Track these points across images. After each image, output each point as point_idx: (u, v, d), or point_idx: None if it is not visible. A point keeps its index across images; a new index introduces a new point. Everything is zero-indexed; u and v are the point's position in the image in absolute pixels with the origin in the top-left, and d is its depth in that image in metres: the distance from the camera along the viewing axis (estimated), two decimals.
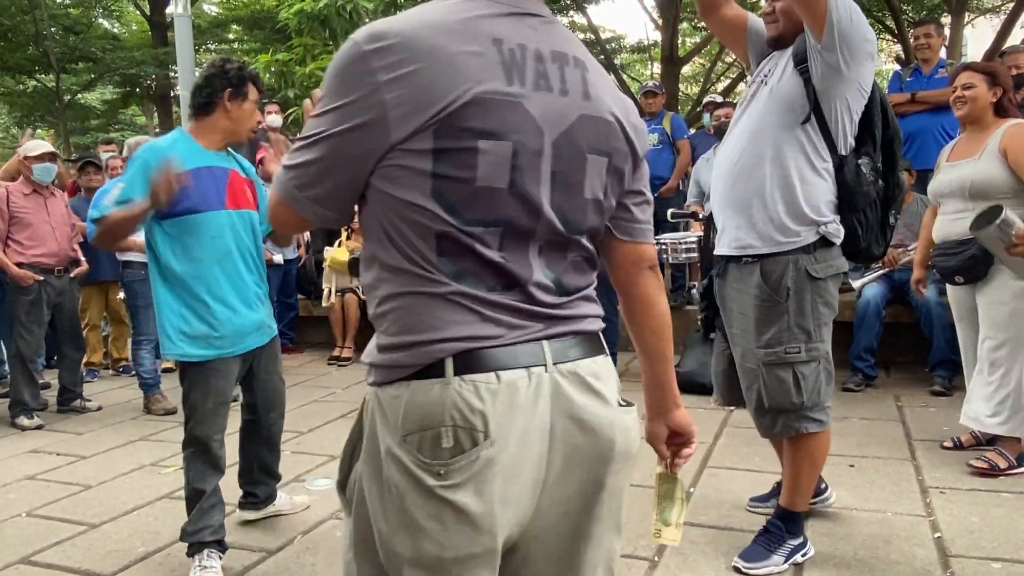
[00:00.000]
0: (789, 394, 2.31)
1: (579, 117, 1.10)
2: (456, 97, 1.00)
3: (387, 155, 1.03)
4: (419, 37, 1.01)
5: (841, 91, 2.20)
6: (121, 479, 3.58)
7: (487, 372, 1.04)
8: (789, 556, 2.42)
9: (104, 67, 14.67)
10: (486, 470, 1.03)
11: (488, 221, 1.05)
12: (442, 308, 1.05)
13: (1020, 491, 2.98)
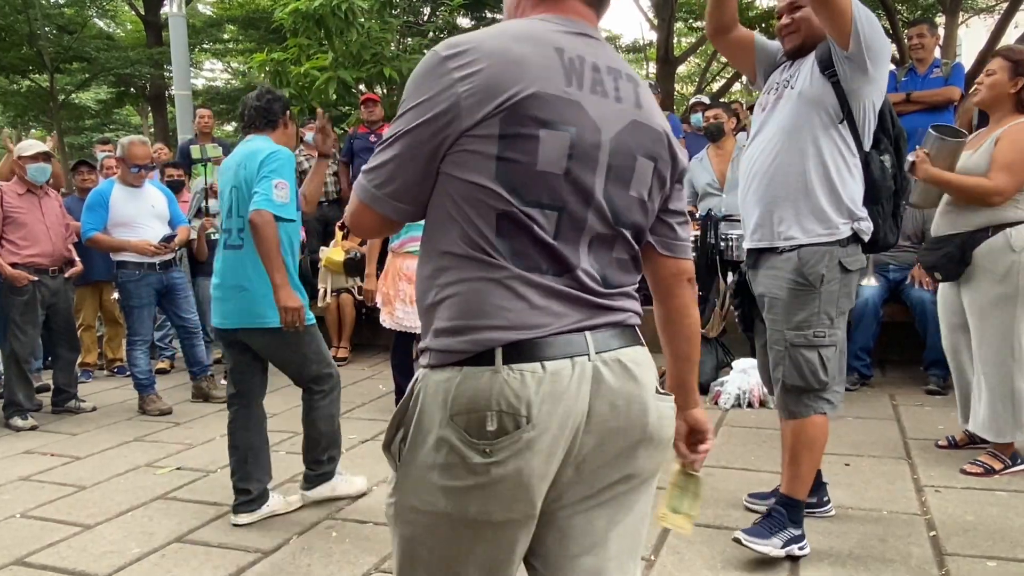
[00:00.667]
0: (816, 373, 2.44)
1: (632, 122, 1.22)
2: (520, 89, 1.13)
3: (457, 141, 1.14)
4: (489, 42, 1.16)
5: (868, 92, 2.34)
6: (116, 480, 3.57)
7: (534, 362, 1.12)
8: (787, 544, 2.45)
9: (98, 67, 14.60)
10: (527, 450, 1.12)
11: (545, 204, 1.15)
12: (496, 295, 1.14)
13: (1015, 489, 2.99)
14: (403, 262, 4.31)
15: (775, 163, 2.44)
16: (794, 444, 2.51)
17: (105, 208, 4.70)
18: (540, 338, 1.13)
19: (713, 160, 5.16)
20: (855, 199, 2.41)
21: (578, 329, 1.16)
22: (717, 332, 4.84)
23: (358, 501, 3.16)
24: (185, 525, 2.98)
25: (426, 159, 1.16)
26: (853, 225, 2.41)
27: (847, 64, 2.29)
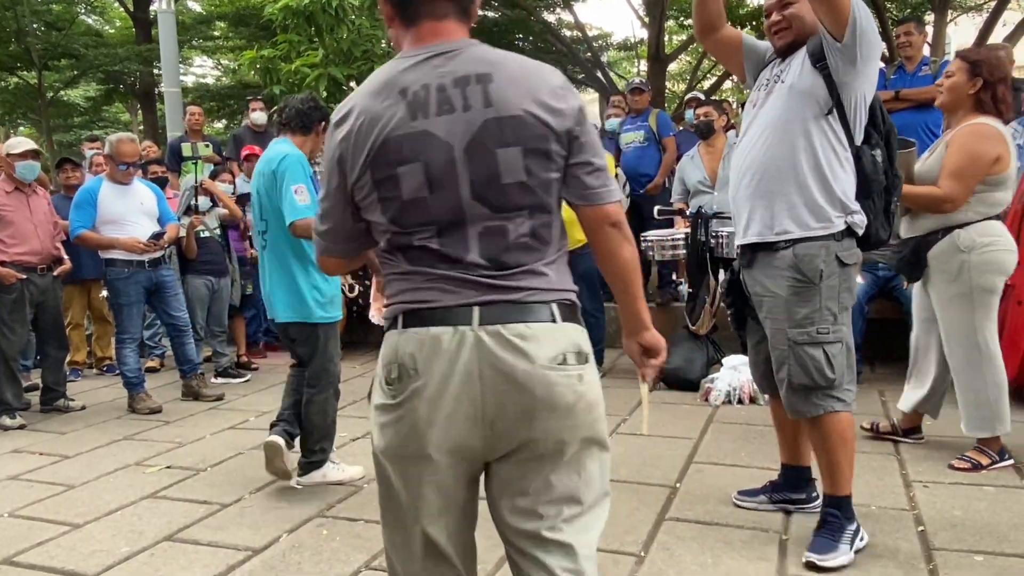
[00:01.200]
0: (822, 372, 2.40)
1: (483, 123, 1.38)
2: (375, 139, 1.40)
3: (354, 193, 1.46)
4: (360, 101, 1.43)
5: (859, 84, 2.33)
6: (105, 479, 3.55)
7: (420, 327, 1.41)
8: (852, 542, 2.44)
9: (87, 64, 14.52)
10: (415, 396, 1.40)
11: (422, 223, 1.42)
12: (400, 282, 1.47)
13: (1002, 484, 3.02)
14: None
15: (766, 157, 2.43)
16: (826, 444, 2.46)
17: (93, 206, 4.67)
18: (426, 309, 1.41)
19: (704, 158, 5.18)
20: (847, 192, 2.40)
21: (466, 304, 1.39)
22: (707, 329, 4.86)
23: (349, 499, 3.16)
24: (175, 524, 2.97)
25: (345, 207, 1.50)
26: (847, 219, 2.40)
27: (839, 56, 2.28)
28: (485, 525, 1.52)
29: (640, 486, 3.14)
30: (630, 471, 3.33)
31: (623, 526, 2.75)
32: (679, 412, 4.25)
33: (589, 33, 14.52)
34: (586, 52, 13.49)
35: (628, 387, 4.83)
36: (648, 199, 5.98)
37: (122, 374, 4.86)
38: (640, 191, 5.99)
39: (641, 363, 1.65)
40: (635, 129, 6.34)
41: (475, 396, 1.38)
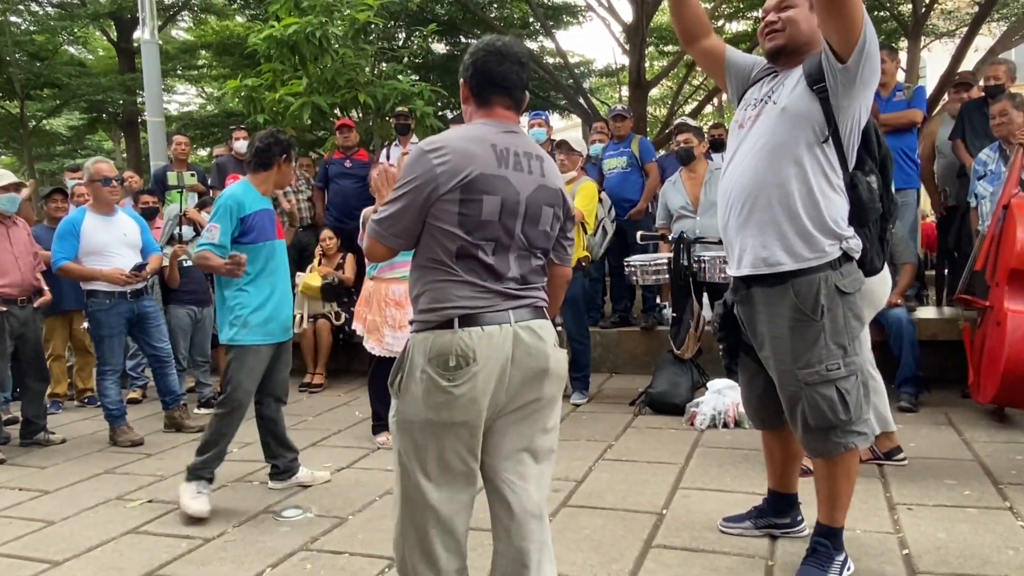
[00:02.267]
0: (836, 411, 2.32)
1: (539, 186, 2.00)
2: (470, 172, 1.90)
3: (436, 203, 1.90)
4: (452, 143, 1.93)
5: (855, 109, 2.28)
6: (85, 514, 3.50)
7: (476, 327, 1.90)
8: (840, 572, 2.43)
9: (70, 93, 14.47)
10: (473, 378, 1.89)
11: (487, 237, 1.94)
12: (452, 288, 1.92)
13: (985, 506, 3.03)
14: (389, 287, 4.30)
15: (755, 184, 2.35)
16: (831, 477, 2.42)
17: (76, 237, 4.64)
18: (479, 313, 1.91)
19: (686, 183, 5.23)
20: (839, 219, 2.33)
21: (505, 309, 1.94)
22: (692, 353, 4.88)
23: (333, 531, 3.13)
24: (156, 560, 2.93)
25: (419, 212, 1.92)
26: (842, 244, 2.33)
27: (840, 77, 2.21)
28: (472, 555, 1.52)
29: (626, 513, 3.14)
30: (616, 498, 3.32)
31: (609, 554, 2.74)
32: (664, 437, 4.25)
33: (571, 60, 14.67)
34: (568, 79, 13.61)
35: (614, 413, 4.84)
36: (632, 224, 6.02)
37: (104, 406, 4.81)
38: (624, 216, 6.04)
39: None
40: (618, 155, 6.40)
41: (506, 368, 1.92)
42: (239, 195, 3.49)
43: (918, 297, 5.68)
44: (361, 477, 3.84)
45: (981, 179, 4.72)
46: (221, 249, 3.41)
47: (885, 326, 4.72)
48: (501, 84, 2.02)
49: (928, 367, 4.82)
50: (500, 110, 2.04)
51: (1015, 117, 4.42)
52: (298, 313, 6.31)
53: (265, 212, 3.55)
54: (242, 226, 3.46)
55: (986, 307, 4.18)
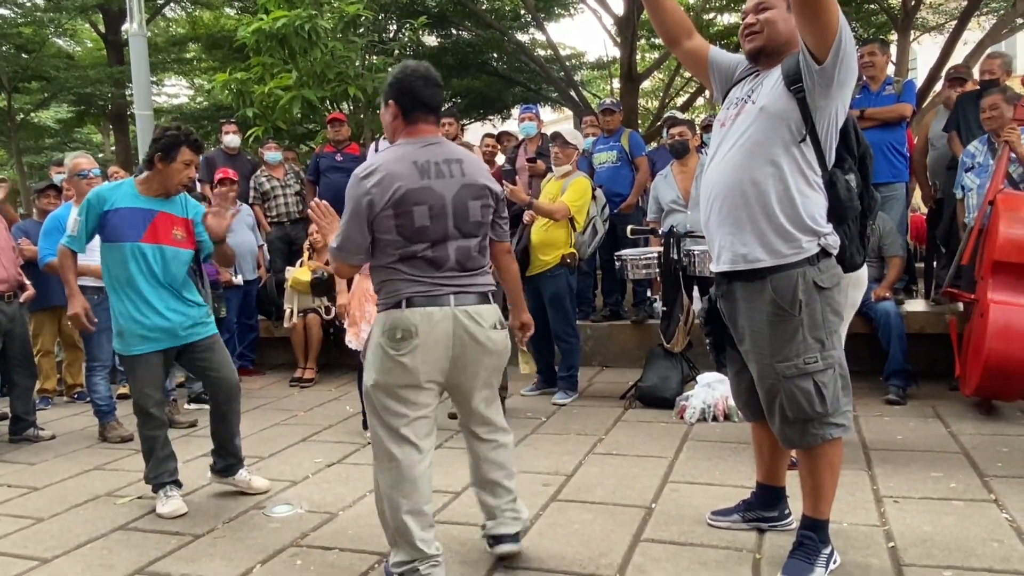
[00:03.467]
0: (813, 404, 2.36)
1: (461, 185, 2.47)
2: (397, 188, 2.37)
3: (376, 219, 2.38)
4: (383, 165, 2.40)
5: (832, 108, 2.30)
6: (75, 511, 3.49)
7: (418, 307, 2.40)
8: (827, 564, 2.45)
9: (58, 86, 14.35)
10: (416, 349, 2.39)
11: (423, 240, 2.42)
12: (400, 282, 2.43)
13: (970, 498, 3.06)
14: (369, 283, 4.27)
15: (733, 182, 2.39)
16: (814, 470, 2.44)
17: (62, 233, 4.60)
18: (421, 296, 2.41)
19: (678, 177, 5.23)
20: (816, 216, 2.35)
21: (446, 294, 2.43)
22: (682, 347, 4.89)
23: (323, 527, 3.13)
24: (146, 556, 2.93)
25: (364, 229, 2.40)
26: (820, 241, 2.36)
27: (817, 78, 2.23)
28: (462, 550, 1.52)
29: (616, 507, 3.15)
30: (605, 492, 3.34)
31: (598, 548, 2.76)
32: (654, 430, 4.26)
33: (562, 53, 14.64)
34: (559, 71, 13.59)
35: (603, 407, 4.85)
36: (622, 218, 6.02)
37: (93, 402, 4.79)
38: (614, 211, 6.04)
39: (518, 334, 2.89)
40: (608, 149, 6.40)
41: (448, 347, 2.43)
42: (106, 193, 3.34)
43: (907, 290, 5.70)
44: (351, 472, 3.84)
45: (968, 171, 4.74)
46: (77, 244, 3.39)
47: (873, 319, 4.75)
48: (427, 104, 2.47)
49: (916, 360, 4.85)
50: (423, 126, 2.48)
51: (1006, 111, 4.45)
52: (288, 307, 6.30)
53: (132, 211, 3.30)
54: (101, 223, 3.31)
55: (972, 301, 4.21)
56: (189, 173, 3.37)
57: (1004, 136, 4.31)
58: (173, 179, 3.36)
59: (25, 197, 12.78)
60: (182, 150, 3.30)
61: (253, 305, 6.54)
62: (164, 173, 3.33)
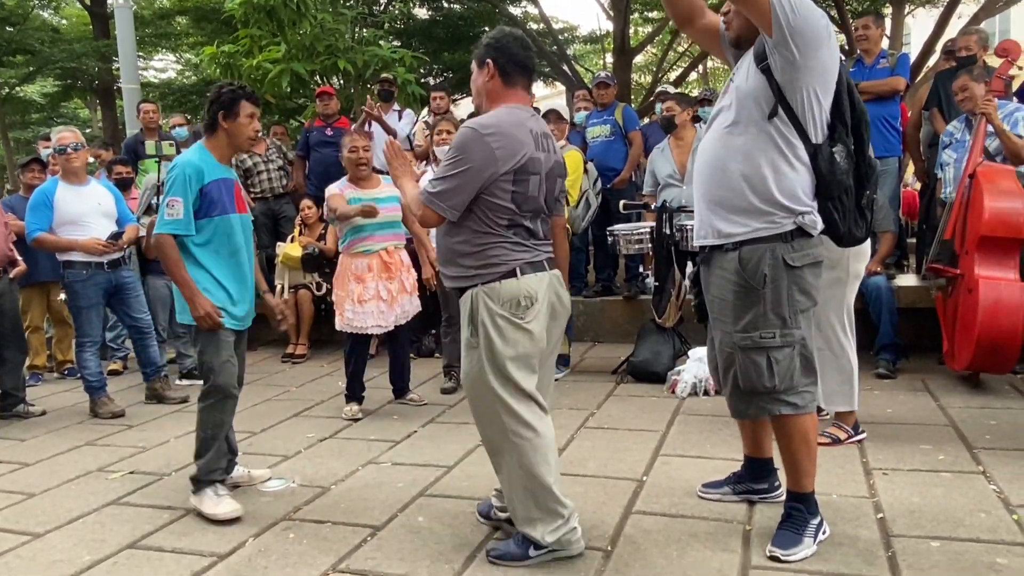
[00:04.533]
0: (762, 378, 2.41)
1: (554, 162, 2.52)
2: (523, 155, 2.37)
3: (494, 182, 2.35)
4: (503, 127, 2.36)
5: (806, 81, 2.27)
6: (66, 486, 3.48)
7: (533, 273, 2.43)
8: (815, 535, 2.47)
9: (43, 60, 14.15)
10: (538, 315, 2.42)
11: (530, 209, 2.45)
12: (510, 249, 2.41)
13: (958, 470, 3.09)
14: (352, 262, 4.28)
15: (712, 159, 2.44)
16: (789, 443, 2.47)
17: (50, 207, 4.57)
18: (531, 263, 2.43)
19: (674, 151, 5.20)
20: (793, 193, 2.34)
21: (542, 260, 2.48)
22: (674, 321, 4.90)
23: (316, 500, 3.14)
24: (139, 531, 2.93)
25: (475, 189, 2.35)
26: (795, 219, 2.34)
27: (776, 54, 2.25)
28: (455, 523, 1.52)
29: (607, 480, 3.16)
30: (597, 465, 3.35)
31: (590, 521, 2.77)
32: (646, 405, 4.28)
33: (555, 26, 14.52)
34: (552, 46, 13.47)
35: (595, 382, 4.87)
36: (615, 193, 6.00)
37: (83, 378, 4.78)
38: (607, 185, 6.01)
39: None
40: (601, 123, 6.36)
41: (553, 306, 2.51)
42: (195, 162, 3.07)
43: (898, 265, 5.72)
44: (344, 447, 3.85)
45: (947, 147, 4.75)
46: (186, 227, 3.02)
47: (864, 293, 4.76)
48: (525, 65, 2.46)
49: (906, 334, 4.87)
50: (522, 92, 2.47)
51: (976, 90, 4.45)
52: (278, 283, 6.28)
53: (223, 182, 3.13)
54: (200, 199, 3.06)
55: (956, 275, 4.22)
56: (255, 126, 3.17)
57: (980, 108, 4.31)
58: (241, 135, 3.13)
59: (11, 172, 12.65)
60: (242, 104, 3.10)
61: None
62: (231, 131, 3.12)
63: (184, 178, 3.03)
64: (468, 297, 2.42)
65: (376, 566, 2.53)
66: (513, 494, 2.46)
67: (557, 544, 2.44)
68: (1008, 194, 4.01)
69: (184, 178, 3.03)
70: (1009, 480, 2.95)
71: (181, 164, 3.06)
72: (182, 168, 3.04)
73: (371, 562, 2.56)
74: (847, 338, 3.35)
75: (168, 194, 3.04)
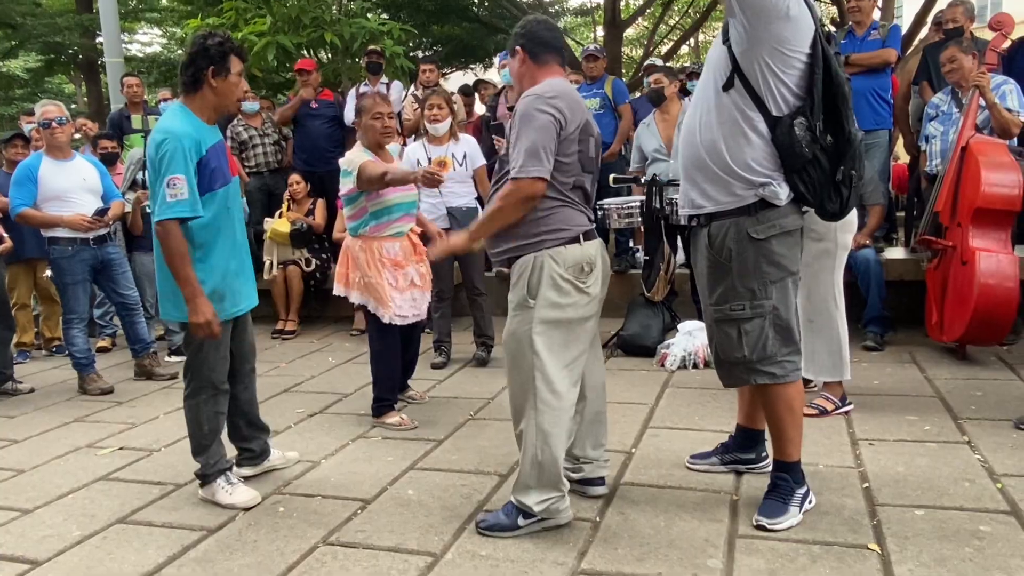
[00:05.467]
0: (733, 348, 2.46)
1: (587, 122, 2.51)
2: (583, 119, 2.47)
3: (563, 142, 2.40)
4: (561, 93, 2.44)
5: (758, 53, 2.27)
6: (55, 462, 3.48)
7: (591, 240, 2.49)
8: (801, 504, 2.50)
9: (25, 34, 13.90)
10: (595, 281, 2.49)
11: (590, 170, 2.55)
12: (570, 212, 2.47)
13: (943, 440, 3.12)
14: (382, 246, 3.67)
15: (687, 131, 2.51)
16: (773, 412, 2.49)
17: (34, 183, 4.52)
18: (590, 230, 2.51)
19: (660, 125, 5.17)
20: (749, 164, 2.34)
21: (593, 226, 2.55)
22: (663, 295, 4.90)
23: (306, 475, 3.15)
24: (128, 506, 2.93)
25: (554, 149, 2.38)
26: (756, 191, 2.34)
27: (734, 26, 2.29)
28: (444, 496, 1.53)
29: None
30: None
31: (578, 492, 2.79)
32: (635, 378, 4.30)
33: None
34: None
35: None
36: (605, 166, 5.95)
37: (71, 355, 4.76)
38: None
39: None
40: (591, 96, 6.30)
41: (606, 272, 2.58)
42: (188, 130, 2.69)
43: (887, 238, 5.73)
44: (334, 422, 3.85)
45: (933, 120, 4.74)
46: (192, 208, 2.66)
47: (853, 266, 4.77)
48: (551, 44, 2.55)
49: (894, 307, 4.90)
50: (556, 68, 2.55)
51: (964, 62, 4.43)
52: (267, 259, 6.24)
53: (219, 146, 2.82)
54: (200, 172, 2.72)
55: (947, 247, 4.22)
56: (244, 85, 2.87)
57: (974, 81, 4.29)
58: (231, 95, 2.80)
59: None
60: (232, 59, 2.75)
61: None
62: (220, 91, 2.75)
63: (183, 151, 2.64)
64: (529, 261, 2.43)
65: (366, 538, 2.54)
66: (524, 457, 2.48)
67: (546, 513, 2.48)
68: (1003, 166, 4.02)
69: (183, 151, 2.64)
70: (993, 449, 2.99)
71: (174, 135, 2.65)
72: (177, 140, 2.64)
73: (361, 535, 2.57)
74: (836, 309, 3.36)
75: (166, 172, 2.63)
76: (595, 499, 2.73)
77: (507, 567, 2.31)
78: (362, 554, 2.44)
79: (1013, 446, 3.01)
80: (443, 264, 4.89)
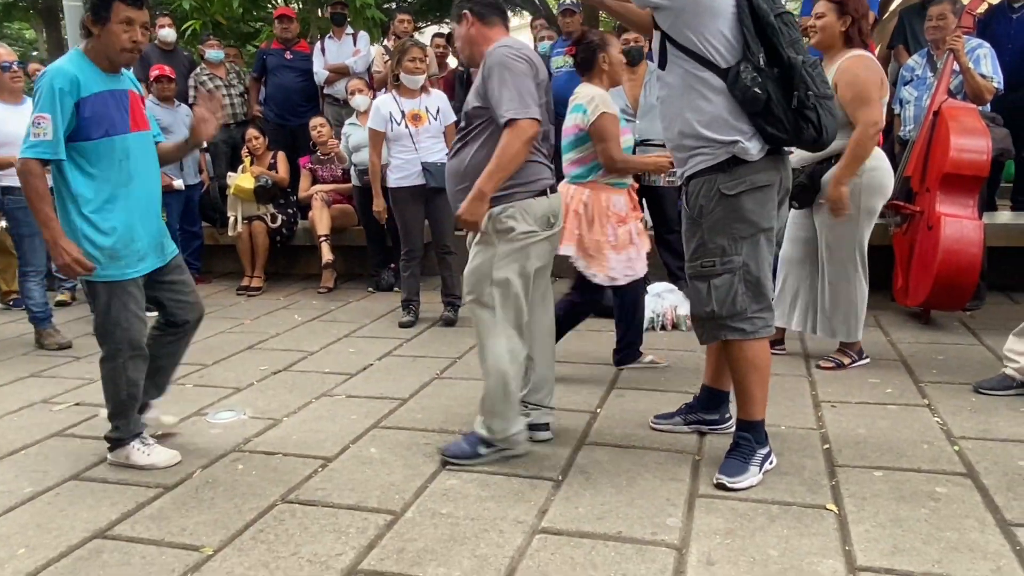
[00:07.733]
0: (703, 303, 2.49)
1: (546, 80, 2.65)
2: (544, 71, 2.62)
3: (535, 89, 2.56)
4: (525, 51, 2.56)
5: (685, 20, 2.33)
6: (9, 417, 3.39)
7: (555, 194, 2.67)
8: (762, 464, 2.51)
9: None
10: (558, 231, 2.70)
11: (553, 122, 2.71)
12: (538, 167, 2.62)
13: (904, 403, 3.15)
14: (610, 198, 3.42)
15: (662, 119, 2.59)
16: (737, 369, 2.50)
17: None
18: (553, 183, 2.67)
19: (626, 86, 5.05)
20: (715, 125, 2.35)
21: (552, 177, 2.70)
22: None
23: (267, 433, 3.10)
24: (82, 462, 2.87)
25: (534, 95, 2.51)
26: (728, 149, 2.35)
27: (656, 12, 2.40)
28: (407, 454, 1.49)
29: (561, 412, 3.16)
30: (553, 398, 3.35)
31: (542, 452, 2.78)
32: (603, 339, 4.28)
33: None
34: None
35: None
36: None
37: (27, 308, 4.63)
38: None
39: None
40: (565, 53, 6.18)
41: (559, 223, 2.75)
42: (70, 70, 2.55)
43: None
44: (297, 380, 3.80)
45: (907, 84, 4.72)
46: (53, 150, 2.54)
47: None
48: (496, 5, 2.67)
49: None
50: (502, 27, 2.67)
51: (951, 22, 4.39)
52: (232, 215, 6.10)
53: (111, 95, 2.65)
54: (78, 116, 2.57)
55: (915, 212, 4.23)
56: (132, 35, 2.60)
57: (948, 44, 4.27)
58: (113, 45, 2.59)
59: None
60: (115, 6, 2.56)
61: (196, 211, 6.31)
62: (102, 40, 2.60)
63: (53, 91, 2.51)
64: (499, 211, 2.54)
65: (326, 496, 2.51)
66: (487, 384, 2.65)
67: (505, 443, 2.67)
68: (972, 132, 4.01)
69: (53, 91, 2.51)
70: (953, 413, 3.02)
71: (50, 73, 2.53)
72: (51, 79, 2.52)
73: (320, 492, 2.54)
74: (857, 272, 3.50)
75: (36, 109, 2.54)
76: (558, 460, 2.72)
77: (467, 525, 2.29)
78: (321, 512, 2.41)
79: (972, 409, 3.05)
80: (414, 222, 4.81)
